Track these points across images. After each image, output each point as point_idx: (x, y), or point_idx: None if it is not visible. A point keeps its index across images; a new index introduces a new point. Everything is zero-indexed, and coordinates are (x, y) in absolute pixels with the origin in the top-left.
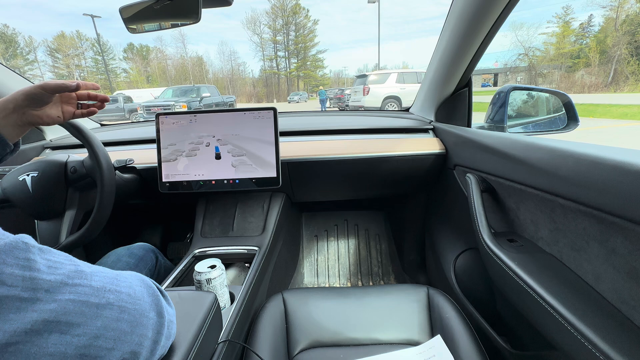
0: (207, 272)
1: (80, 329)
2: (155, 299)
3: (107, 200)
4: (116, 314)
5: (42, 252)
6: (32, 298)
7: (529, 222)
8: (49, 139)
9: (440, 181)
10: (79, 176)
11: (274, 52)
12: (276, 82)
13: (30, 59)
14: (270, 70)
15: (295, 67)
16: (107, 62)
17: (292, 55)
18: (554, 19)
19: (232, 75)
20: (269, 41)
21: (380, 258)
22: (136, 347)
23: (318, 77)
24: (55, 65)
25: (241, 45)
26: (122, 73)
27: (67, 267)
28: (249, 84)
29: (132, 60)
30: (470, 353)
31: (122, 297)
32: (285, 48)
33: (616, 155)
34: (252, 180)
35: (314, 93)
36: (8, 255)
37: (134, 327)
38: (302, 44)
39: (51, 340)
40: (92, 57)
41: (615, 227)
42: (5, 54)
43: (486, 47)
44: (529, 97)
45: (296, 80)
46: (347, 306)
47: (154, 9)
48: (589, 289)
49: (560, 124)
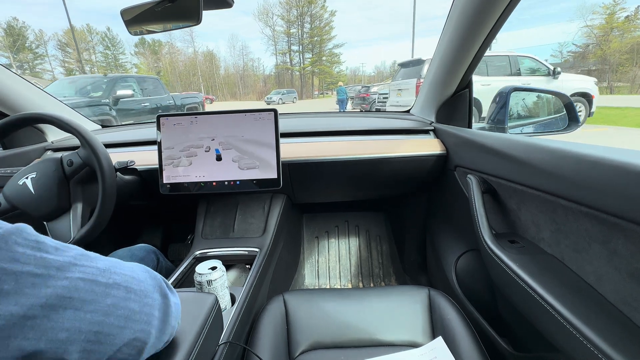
0: (208, 274)
1: (93, 305)
2: (157, 282)
3: (108, 202)
4: (123, 293)
5: (47, 238)
6: (45, 274)
7: (530, 223)
8: (51, 140)
9: (441, 182)
10: (77, 167)
11: (287, 45)
12: (289, 78)
13: (39, 52)
14: (283, 65)
15: (310, 62)
16: (117, 57)
17: (306, 50)
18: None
19: (243, 72)
20: (282, 34)
21: (381, 259)
22: (145, 326)
23: (334, 74)
24: (65, 60)
25: (254, 42)
26: (132, 68)
27: (74, 251)
28: (260, 80)
29: (142, 55)
30: (472, 355)
31: (127, 278)
32: (300, 41)
33: (617, 156)
34: (252, 182)
35: (329, 91)
36: (18, 236)
37: (142, 307)
38: (318, 37)
39: (66, 316)
40: (102, 51)
41: (616, 228)
42: (12, 48)
43: (486, 49)
44: (529, 98)
45: (310, 77)
46: (348, 307)
47: (155, 11)
48: (591, 290)
49: (561, 124)
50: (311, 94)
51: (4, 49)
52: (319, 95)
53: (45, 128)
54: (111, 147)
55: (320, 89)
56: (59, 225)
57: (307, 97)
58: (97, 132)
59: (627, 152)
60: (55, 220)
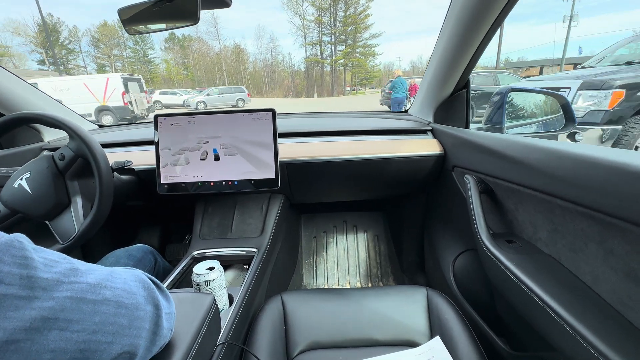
0: (205, 274)
1: (79, 325)
2: (150, 292)
3: (105, 202)
4: (113, 309)
5: (37, 251)
6: (30, 296)
7: (528, 223)
8: (47, 140)
9: (439, 182)
10: (69, 160)
11: (317, 36)
12: (319, 72)
13: (71, 48)
14: (313, 58)
15: (343, 54)
16: (146, 52)
17: (339, 42)
18: None
19: (271, 66)
20: (313, 23)
21: (379, 259)
22: (135, 340)
23: (368, 68)
24: (97, 56)
25: (284, 39)
26: (161, 64)
27: (63, 265)
28: (289, 75)
29: (172, 51)
30: (470, 354)
31: (118, 292)
32: (332, 30)
33: (614, 156)
34: (250, 182)
35: (362, 86)
36: (5, 253)
37: (131, 321)
38: (353, 26)
39: (51, 337)
40: (132, 47)
41: (613, 228)
42: (45, 44)
43: (484, 49)
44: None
45: (343, 71)
46: (346, 308)
47: (152, 10)
48: (587, 290)
49: (557, 125)
50: (342, 90)
51: (37, 45)
52: (351, 91)
53: (41, 128)
54: (108, 147)
55: (353, 85)
56: (61, 222)
57: (339, 94)
58: (94, 132)
59: (623, 152)
60: (57, 217)
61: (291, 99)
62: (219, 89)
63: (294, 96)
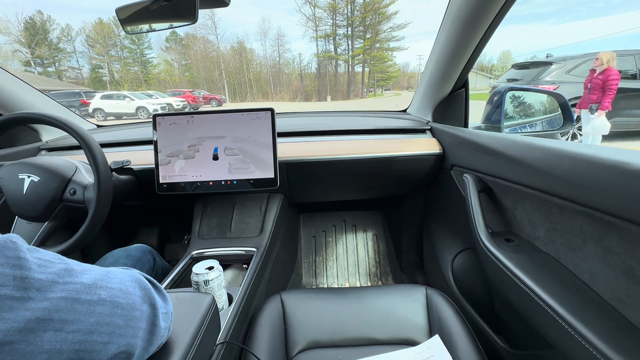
0: (205, 274)
1: (74, 325)
2: (146, 291)
3: (104, 202)
4: (109, 309)
5: (31, 251)
6: (24, 297)
7: (526, 222)
8: (45, 140)
9: (437, 181)
10: (75, 200)
11: (331, 27)
12: (332, 71)
13: (62, 47)
14: (326, 54)
15: (361, 48)
16: (143, 52)
17: (357, 33)
18: None
19: (279, 67)
20: (325, 11)
21: (378, 258)
22: (131, 339)
23: (385, 68)
24: (91, 56)
25: (291, 30)
26: (160, 64)
27: (57, 266)
28: (297, 76)
29: (173, 51)
30: (469, 352)
31: (114, 292)
32: (348, 21)
33: (612, 155)
34: (249, 182)
35: (380, 87)
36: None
37: (128, 321)
38: (374, 14)
39: (46, 338)
40: (127, 46)
41: (611, 226)
42: (31, 44)
43: (482, 48)
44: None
45: (362, 69)
46: (345, 307)
47: (150, 10)
48: (586, 288)
49: (556, 124)
50: (360, 92)
51: (22, 44)
52: (368, 93)
53: (39, 128)
54: (107, 147)
55: (370, 86)
56: (26, 228)
57: (355, 96)
58: (92, 131)
59: (621, 151)
60: (26, 223)
61: (299, 103)
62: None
63: (303, 99)
